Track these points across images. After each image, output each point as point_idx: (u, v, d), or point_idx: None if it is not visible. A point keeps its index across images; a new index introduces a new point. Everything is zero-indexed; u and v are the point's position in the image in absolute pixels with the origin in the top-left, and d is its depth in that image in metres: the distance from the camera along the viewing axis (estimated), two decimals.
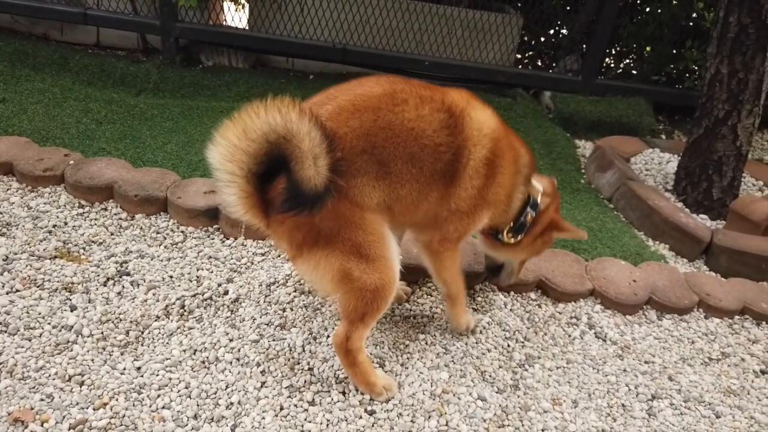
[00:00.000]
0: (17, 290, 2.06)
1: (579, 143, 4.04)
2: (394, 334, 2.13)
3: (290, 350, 1.99)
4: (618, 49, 4.88)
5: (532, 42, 5.00)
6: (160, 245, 2.40)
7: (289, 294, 2.22)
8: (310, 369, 1.92)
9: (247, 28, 4.36)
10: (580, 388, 2.04)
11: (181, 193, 2.56)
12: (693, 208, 3.27)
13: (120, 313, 2.03)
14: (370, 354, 2.00)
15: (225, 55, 4.28)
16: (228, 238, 2.49)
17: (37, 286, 2.09)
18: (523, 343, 2.20)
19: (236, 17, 4.40)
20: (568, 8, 4.76)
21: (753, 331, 2.48)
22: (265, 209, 1.59)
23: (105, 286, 2.15)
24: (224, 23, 4.48)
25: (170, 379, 1.81)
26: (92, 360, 1.84)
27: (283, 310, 2.15)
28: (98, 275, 2.18)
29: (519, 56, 4.92)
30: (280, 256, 2.43)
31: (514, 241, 2.04)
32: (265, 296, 2.20)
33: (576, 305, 2.44)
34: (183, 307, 2.10)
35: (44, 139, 2.95)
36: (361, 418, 1.78)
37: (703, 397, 2.10)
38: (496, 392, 1.96)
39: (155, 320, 2.03)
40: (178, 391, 1.78)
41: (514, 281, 2.31)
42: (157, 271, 2.24)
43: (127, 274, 2.21)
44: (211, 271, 2.29)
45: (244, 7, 4.37)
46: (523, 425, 1.86)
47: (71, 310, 2.01)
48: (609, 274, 2.54)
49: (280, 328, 2.08)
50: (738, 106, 3.08)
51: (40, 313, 1.97)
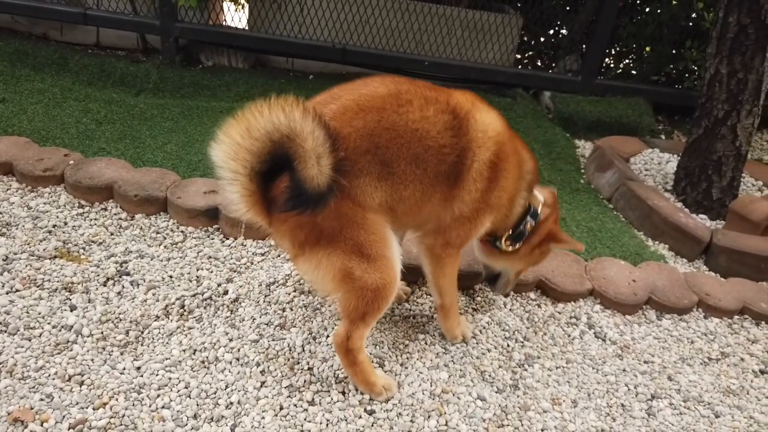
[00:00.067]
0: (17, 290, 2.06)
1: (578, 143, 4.04)
2: (394, 333, 2.13)
3: (290, 350, 1.99)
4: (618, 49, 4.88)
5: (532, 42, 5.00)
6: (159, 245, 2.40)
7: (289, 294, 2.23)
8: (310, 369, 1.93)
9: (247, 28, 4.36)
10: (579, 388, 2.05)
11: (181, 193, 2.56)
12: (692, 208, 3.28)
13: (120, 313, 2.03)
14: (370, 354, 2.00)
15: (225, 55, 4.29)
16: (228, 238, 2.49)
17: (37, 286, 2.09)
18: (522, 342, 2.20)
19: (236, 17, 4.40)
20: (568, 8, 4.77)
21: (752, 331, 2.49)
22: (268, 208, 1.59)
23: (105, 286, 2.15)
24: (224, 23, 4.48)
25: (170, 379, 1.82)
26: (92, 360, 1.84)
27: (283, 310, 2.15)
28: (98, 275, 2.18)
29: (519, 56, 4.92)
30: (279, 256, 2.43)
31: (511, 250, 2.03)
32: (265, 296, 2.20)
33: (575, 305, 2.44)
34: (183, 307, 2.10)
35: (44, 139, 2.95)
36: (360, 417, 1.79)
37: (703, 397, 2.10)
38: (496, 392, 1.96)
39: (155, 320, 2.03)
40: (178, 391, 1.78)
41: (510, 291, 2.30)
42: (157, 271, 2.25)
43: (127, 274, 2.21)
44: (211, 271, 2.29)
45: (243, 7, 4.37)
46: (522, 425, 1.86)
47: (71, 310, 2.01)
48: (608, 274, 2.54)
49: (280, 327, 2.08)
50: (737, 106, 3.08)
51: (39, 313, 1.97)
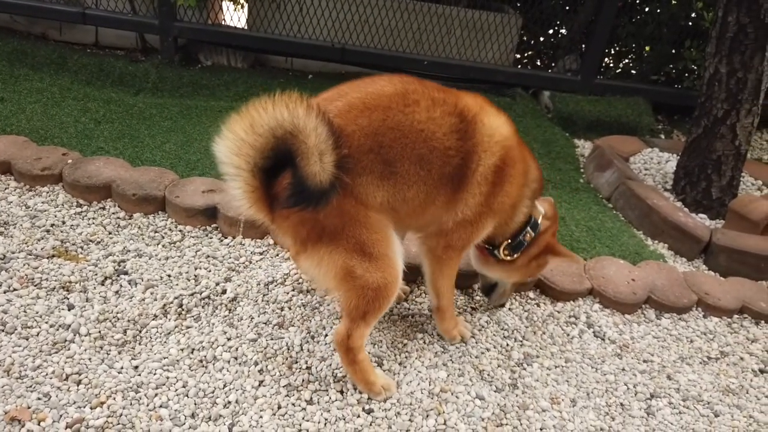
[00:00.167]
0: (15, 289, 2.05)
1: (578, 143, 4.04)
2: (393, 332, 2.13)
3: (288, 349, 1.98)
4: (617, 48, 4.88)
5: (531, 42, 5.00)
6: (158, 244, 2.39)
7: (288, 293, 2.22)
8: (308, 368, 1.92)
9: (246, 27, 4.36)
10: (578, 387, 2.04)
11: (180, 192, 2.55)
12: (692, 208, 3.27)
13: (118, 312, 2.03)
14: (368, 353, 1.99)
15: (224, 55, 4.28)
16: (226, 237, 2.49)
17: (35, 285, 2.09)
18: (521, 342, 2.20)
19: (235, 17, 4.40)
20: (567, 8, 4.77)
21: (752, 330, 2.48)
22: (270, 204, 1.59)
23: (103, 285, 2.14)
24: (223, 23, 4.47)
25: (168, 378, 1.81)
26: (89, 359, 1.84)
27: (281, 309, 2.15)
28: (96, 274, 2.18)
29: (518, 56, 4.91)
30: (278, 255, 2.43)
31: (509, 259, 2.02)
32: (263, 295, 2.20)
33: (575, 304, 2.43)
34: (181, 306, 2.09)
35: (42, 139, 2.95)
36: (358, 416, 1.78)
37: (702, 396, 2.09)
38: (495, 391, 1.95)
39: (153, 319, 2.03)
40: (176, 390, 1.78)
41: (505, 302, 2.29)
42: (155, 270, 2.24)
43: (125, 273, 2.21)
44: (209, 270, 2.29)
45: (243, 7, 4.37)
46: (521, 424, 1.85)
47: (69, 309, 2.00)
48: (608, 273, 2.54)
49: (278, 327, 2.07)
50: (737, 105, 3.08)
51: (37, 312, 1.97)
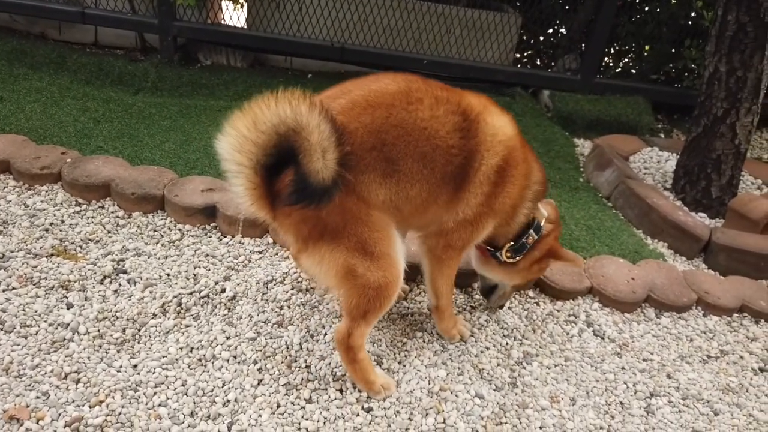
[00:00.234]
0: (14, 288, 2.05)
1: (578, 142, 4.04)
2: (392, 331, 2.12)
3: (287, 348, 1.98)
4: (617, 48, 4.88)
5: (531, 41, 5.00)
6: (157, 243, 2.39)
7: (287, 292, 2.22)
8: (308, 367, 1.92)
9: (246, 27, 4.36)
10: (578, 386, 2.04)
11: (179, 191, 2.55)
12: (692, 207, 3.27)
13: (117, 311, 2.02)
14: (368, 351, 1.99)
15: (223, 54, 4.28)
16: (225, 236, 2.48)
17: (34, 284, 2.09)
18: (521, 340, 2.19)
19: (234, 16, 4.39)
20: (567, 7, 4.76)
21: (751, 329, 2.48)
22: (272, 201, 1.58)
23: (102, 284, 2.14)
24: (222, 22, 4.47)
25: (167, 377, 1.81)
26: (88, 358, 1.84)
27: (281, 308, 2.15)
28: (95, 273, 2.18)
29: (518, 55, 4.91)
30: (277, 254, 2.42)
31: (511, 262, 2.01)
32: (263, 294, 2.20)
33: (574, 303, 2.43)
34: (180, 304, 2.09)
35: (41, 138, 2.94)
36: (358, 415, 1.78)
37: (702, 395, 2.09)
38: (494, 390, 1.95)
39: (152, 318, 2.02)
40: (175, 389, 1.78)
41: (505, 304, 2.28)
42: (154, 269, 2.24)
43: (124, 272, 2.20)
44: (209, 269, 2.28)
45: (242, 6, 4.36)
46: (520, 423, 1.85)
47: (68, 308, 2.00)
48: (607, 272, 2.53)
49: (278, 325, 2.07)
50: (736, 104, 3.08)
51: (36, 311, 1.97)
